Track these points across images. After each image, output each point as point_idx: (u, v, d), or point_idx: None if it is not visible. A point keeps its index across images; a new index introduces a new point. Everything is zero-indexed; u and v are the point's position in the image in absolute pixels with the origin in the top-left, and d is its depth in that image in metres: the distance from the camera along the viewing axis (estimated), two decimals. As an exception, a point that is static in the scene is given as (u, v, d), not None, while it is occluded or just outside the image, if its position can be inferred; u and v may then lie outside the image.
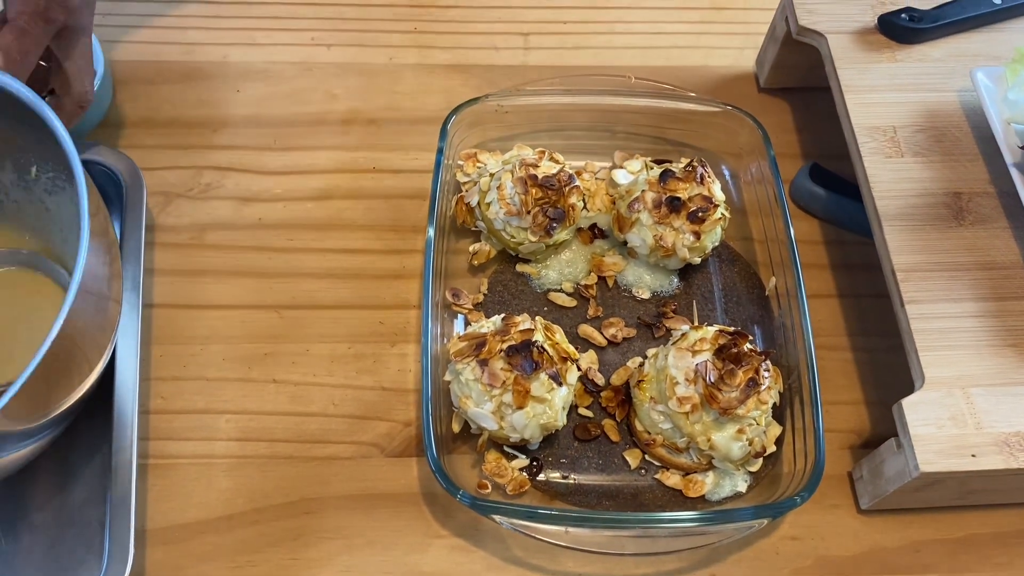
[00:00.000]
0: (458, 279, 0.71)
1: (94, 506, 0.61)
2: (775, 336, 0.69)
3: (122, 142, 0.76)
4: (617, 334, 0.69)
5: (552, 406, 0.60)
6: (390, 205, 0.75)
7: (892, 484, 0.59)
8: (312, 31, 0.84)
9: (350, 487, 0.64)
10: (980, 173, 0.67)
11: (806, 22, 0.74)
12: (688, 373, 0.60)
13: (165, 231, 0.73)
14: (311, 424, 0.66)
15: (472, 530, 0.63)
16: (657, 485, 0.64)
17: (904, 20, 0.72)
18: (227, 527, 0.62)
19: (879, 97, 0.70)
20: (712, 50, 0.86)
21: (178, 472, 0.64)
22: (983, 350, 0.60)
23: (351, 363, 0.68)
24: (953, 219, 0.65)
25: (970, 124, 0.69)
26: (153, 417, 0.65)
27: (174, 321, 0.69)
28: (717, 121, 0.75)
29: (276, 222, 0.74)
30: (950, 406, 0.58)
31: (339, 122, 0.79)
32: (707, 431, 0.60)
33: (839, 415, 0.68)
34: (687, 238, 0.67)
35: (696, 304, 0.71)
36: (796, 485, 0.60)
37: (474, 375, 0.59)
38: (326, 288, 0.71)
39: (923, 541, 0.64)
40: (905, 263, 0.63)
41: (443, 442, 0.62)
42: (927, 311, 0.61)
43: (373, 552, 0.62)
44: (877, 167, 0.67)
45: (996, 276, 0.63)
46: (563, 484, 0.63)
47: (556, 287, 0.71)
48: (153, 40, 0.82)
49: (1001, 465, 0.56)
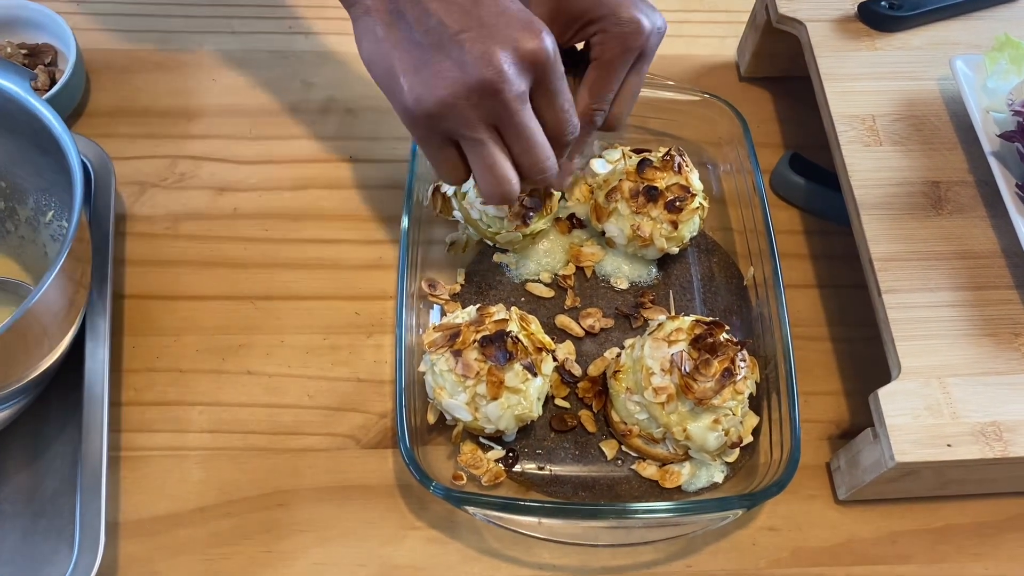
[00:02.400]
0: (435, 269, 0.70)
1: (66, 497, 0.61)
2: (753, 326, 0.68)
3: (95, 131, 0.75)
4: (595, 324, 0.68)
5: (527, 397, 0.59)
6: (367, 195, 0.75)
7: (868, 474, 0.59)
8: (289, 19, 0.83)
9: (325, 479, 0.63)
10: (959, 162, 0.67)
11: (786, 10, 0.73)
12: (664, 363, 0.60)
13: (139, 221, 0.72)
14: (285, 416, 0.65)
15: (447, 522, 0.62)
16: (634, 476, 0.63)
17: (884, 8, 0.72)
18: (200, 520, 0.61)
19: (858, 85, 0.70)
20: (694, 39, 0.86)
21: (150, 464, 0.63)
22: (960, 340, 0.60)
23: (327, 354, 0.68)
24: (931, 208, 0.65)
25: (949, 112, 0.69)
26: (125, 409, 0.65)
27: (147, 312, 0.68)
28: (697, 110, 0.75)
29: (252, 212, 0.73)
30: (926, 396, 0.58)
31: (316, 111, 0.78)
32: (683, 421, 0.60)
33: (818, 405, 0.68)
34: (664, 228, 0.67)
35: (674, 294, 0.70)
36: (773, 476, 0.60)
37: (448, 366, 0.59)
38: (302, 279, 0.71)
39: (900, 532, 0.64)
40: (883, 252, 0.62)
41: (418, 433, 0.62)
42: (904, 300, 0.61)
43: (347, 544, 0.61)
44: (856, 156, 0.66)
45: (973, 265, 0.62)
46: (539, 475, 0.63)
47: (534, 277, 0.70)
48: (128, 28, 0.81)
49: (977, 455, 0.56)
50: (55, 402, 0.63)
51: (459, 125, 0.52)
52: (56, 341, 0.57)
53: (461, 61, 0.50)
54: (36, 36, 0.77)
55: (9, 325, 0.50)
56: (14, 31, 0.76)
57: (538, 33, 0.51)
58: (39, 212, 0.64)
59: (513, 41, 0.50)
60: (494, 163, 0.54)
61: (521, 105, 0.51)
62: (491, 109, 0.51)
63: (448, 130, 0.53)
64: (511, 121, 0.52)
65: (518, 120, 0.52)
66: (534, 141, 0.53)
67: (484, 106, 0.51)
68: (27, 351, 0.55)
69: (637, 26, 0.57)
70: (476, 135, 0.52)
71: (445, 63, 0.50)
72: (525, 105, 0.52)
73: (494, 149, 0.53)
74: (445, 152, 0.55)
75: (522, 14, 0.51)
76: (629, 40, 0.57)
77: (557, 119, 0.54)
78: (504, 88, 0.50)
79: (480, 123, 0.52)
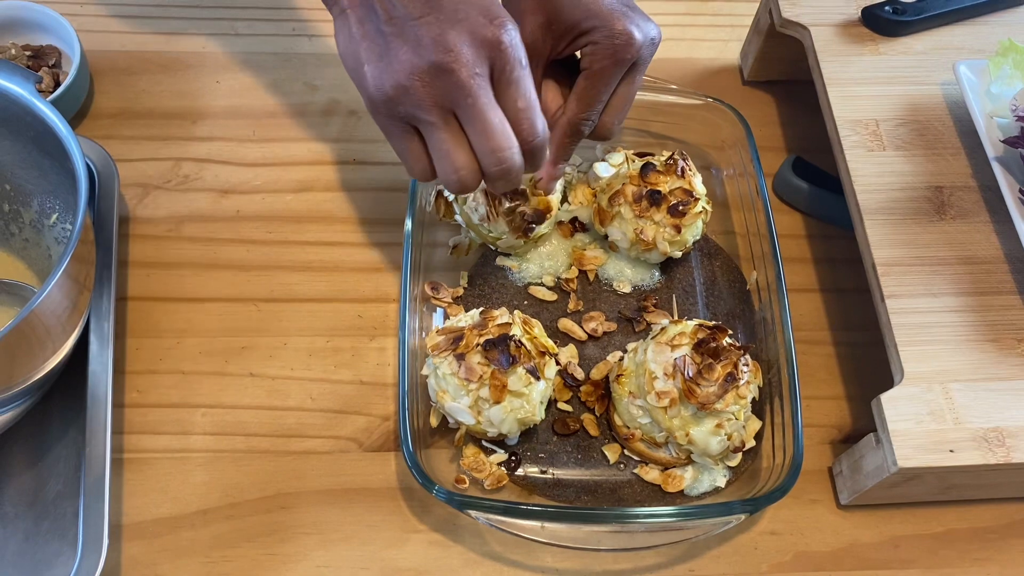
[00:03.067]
0: (438, 272, 0.70)
1: (69, 499, 0.61)
2: (756, 330, 0.68)
3: (99, 133, 0.75)
4: (597, 328, 0.68)
5: (530, 400, 0.59)
6: (370, 197, 0.75)
7: (871, 479, 0.59)
8: (293, 21, 0.83)
9: (327, 482, 0.63)
10: (962, 167, 0.67)
11: (789, 14, 0.73)
12: (667, 367, 0.60)
13: (142, 223, 0.72)
14: (288, 418, 0.65)
15: (450, 525, 0.62)
16: (636, 480, 0.63)
17: (888, 12, 0.72)
18: (202, 522, 0.61)
19: (862, 90, 0.70)
20: (697, 42, 0.86)
21: (153, 466, 0.63)
22: (962, 345, 0.60)
23: (329, 357, 0.68)
24: (935, 213, 0.65)
25: (953, 118, 0.69)
26: (128, 411, 0.65)
27: (150, 314, 0.68)
28: (700, 114, 0.75)
29: (255, 214, 0.73)
30: (929, 401, 0.58)
31: (319, 113, 0.79)
32: (685, 425, 0.60)
33: (820, 410, 0.68)
34: (667, 232, 0.67)
35: (677, 298, 0.70)
36: (775, 480, 0.60)
37: (451, 369, 0.59)
38: (305, 281, 0.71)
39: (902, 536, 0.64)
40: (886, 257, 0.62)
41: (421, 436, 0.62)
42: (907, 306, 0.61)
43: (350, 547, 0.61)
44: (859, 160, 0.66)
45: (976, 271, 0.62)
46: (542, 479, 0.63)
47: (537, 280, 0.70)
48: (132, 30, 0.81)
49: (979, 461, 0.56)
50: (58, 404, 0.63)
51: (415, 108, 0.52)
52: (59, 343, 0.57)
53: (418, 45, 0.51)
54: (41, 38, 0.77)
55: (12, 327, 0.50)
56: (19, 33, 0.76)
57: (497, 20, 0.51)
58: (43, 214, 0.64)
59: (470, 26, 0.51)
60: (450, 148, 0.53)
61: (476, 87, 0.51)
62: (445, 91, 0.51)
63: (406, 115, 0.53)
64: (465, 103, 0.52)
65: (472, 102, 0.51)
66: (490, 125, 0.52)
67: (438, 87, 0.51)
68: (31, 353, 0.55)
69: (628, 38, 0.57)
70: (431, 118, 0.52)
71: (403, 48, 0.51)
72: (481, 88, 0.51)
73: (449, 133, 0.53)
74: (408, 141, 0.55)
75: (485, 2, 0.52)
76: (620, 52, 0.58)
77: (516, 113, 0.53)
78: (456, 68, 0.50)
79: (435, 106, 0.52)
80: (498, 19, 0.51)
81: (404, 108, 0.53)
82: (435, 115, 0.52)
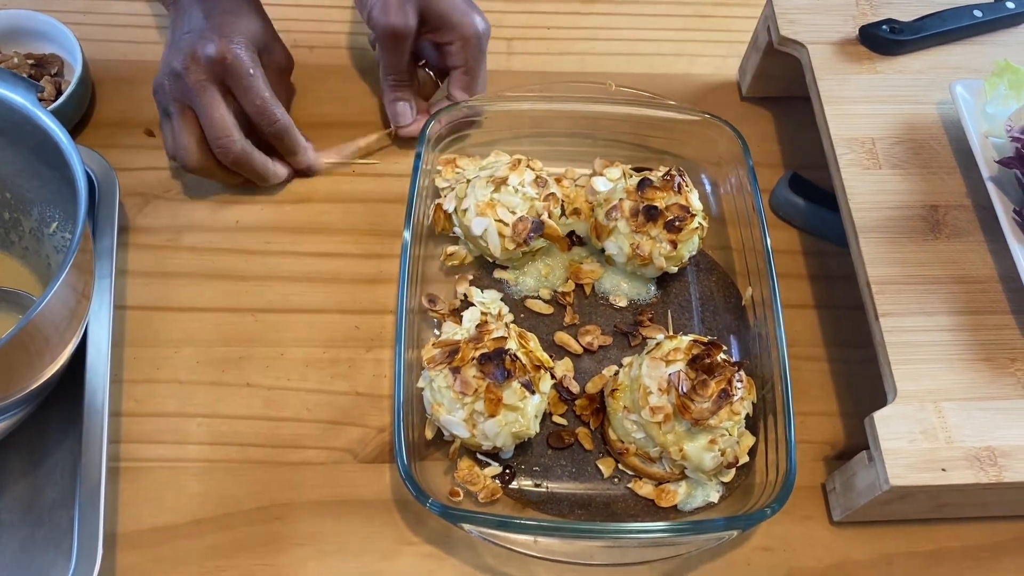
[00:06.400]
0: (435, 284, 0.70)
1: (65, 508, 0.61)
2: (751, 346, 0.68)
3: (100, 142, 0.75)
4: (593, 342, 0.68)
5: (524, 414, 0.60)
6: (369, 209, 0.75)
7: (863, 497, 0.59)
8: (295, 33, 0.84)
9: (322, 493, 0.63)
10: (957, 186, 0.67)
11: (787, 32, 0.74)
12: (661, 383, 0.60)
13: (141, 232, 0.72)
14: (284, 429, 0.66)
15: (444, 537, 0.62)
16: (630, 494, 0.63)
17: (885, 32, 0.72)
18: (197, 532, 0.62)
19: (858, 108, 0.70)
20: (695, 58, 0.86)
21: (149, 476, 0.63)
22: (955, 364, 0.60)
23: (326, 368, 0.68)
24: (929, 232, 0.65)
25: (948, 137, 0.69)
26: (125, 420, 0.65)
27: (148, 323, 0.69)
28: (697, 130, 0.75)
29: (253, 224, 0.74)
30: (922, 420, 0.58)
31: (319, 125, 0.79)
32: (679, 441, 0.60)
33: (814, 426, 0.68)
34: (664, 247, 0.67)
35: (673, 313, 0.71)
36: (768, 496, 0.60)
37: (446, 383, 0.59)
38: (302, 292, 0.71)
39: (895, 554, 0.64)
40: (880, 275, 0.63)
41: (416, 449, 0.62)
42: (901, 324, 0.61)
43: (344, 558, 0.61)
44: (854, 178, 0.67)
45: (970, 290, 0.63)
46: (536, 492, 0.63)
47: (533, 294, 0.71)
48: (133, 39, 0.82)
49: (971, 480, 0.56)
50: (55, 413, 0.63)
51: (165, 100, 0.69)
52: (58, 352, 0.58)
53: (178, 52, 0.68)
54: (43, 47, 0.77)
55: (11, 336, 0.51)
56: (21, 42, 0.77)
57: (230, 40, 0.68)
58: (43, 223, 0.64)
59: (205, 44, 0.67)
60: (177, 132, 0.69)
61: (199, 90, 0.67)
62: (182, 91, 0.68)
63: (161, 103, 0.70)
64: (195, 101, 0.68)
65: (197, 102, 0.68)
66: (209, 119, 0.68)
67: (177, 87, 0.68)
68: (29, 362, 0.56)
69: (480, 32, 0.73)
70: (171, 109, 0.69)
71: (172, 53, 0.69)
72: (205, 91, 0.67)
73: (183, 122, 0.69)
74: (164, 123, 0.71)
75: (238, 26, 0.69)
76: (482, 44, 0.74)
77: (255, 109, 0.69)
78: (186, 75, 0.67)
79: (174, 100, 0.68)
80: (232, 40, 0.68)
81: (159, 98, 0.70)
82: (174, 108, 0.69)
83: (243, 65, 0.68)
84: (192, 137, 0.69)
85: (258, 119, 0.70)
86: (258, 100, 0.69)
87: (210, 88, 0.67)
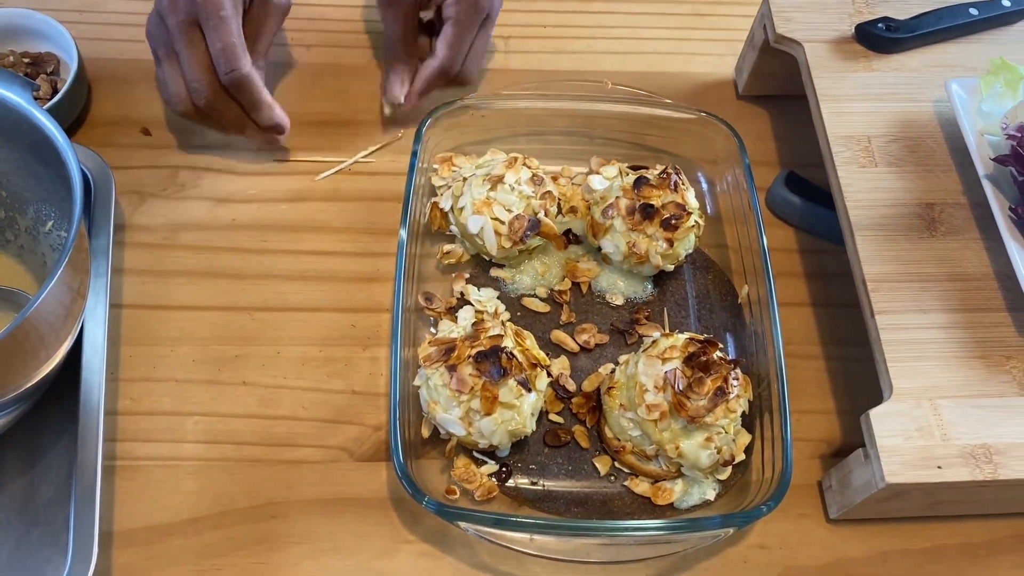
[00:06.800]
0: (432, 283, 0.70)
1: (60, 506, 0.61)
2: (747, 344, 0.68)
3: (96, 140, 0.75)
4: (590, 340, 0.68)
5: (520, 412, 0.60)
6: (365, 207, 0.75)
7: (859, 495, 0.59)
8: (292, 31, 0.84)
9: (318, 491, 0.63)
10: (953, 184, 0.67)
11: (784, 30, 0.74)
12: (657, 380, 0.60)
13: (138, 231, 0.72)
14: (280, 427, 0.65)
15: (440, 536, 0.62)
16: (626, 492, 0.63)
17: (881, 30, 0.72)
18: (193, 530, 0.62)
19: (854, 106, 0.70)
20: (692, 56, 0.86)
21: (145, 474, 0.63)
22: (951, 362, 0.60)
23: (322, 366, 0.68)
24: (925, 230, 0.65)
25: (944, 135, 0.69)
26: (121, 418, 0.65)
27: (144, 322, 0.69)
28: (693, 128, 0.75)
29: (250, 223, 0.74)
30: (917, 418, 0.58)
31: (316, 123, 0.79)
32: (675, 439, 0.60)
33: (810, 424, 0.68)
34: (660, 245, 0.67)
35: (669, 311, 0.71)
36: (765, 494, 0.60)
37: (443, 381, 0.59)
38: (298, 290, 0.71)
39: (891, 551, 0.64)
40: (876, 273, 0.63)
41: (412, 447, 0.62)
42: (896, 321, 0.61)
43: (340, 557, 0.61)
44: (851, 176, 0.67)
45: (966, 287, 0.63)
46: (532, 490, 0.63)
47: (530, 292, 0.71)
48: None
49: (967, 477, 0.56)
50: (51, 411, 0.63)
51: (154, 44, 0.70)
52: (53, 350, 0.58)
53: None
54: (39, 45, 0.77)
55: (6, 334, 0.51)
56: (17, 40, 0.77)
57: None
58: (39, 222, 0.64)
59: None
60: (167, 78, 0.69)
61: (178, 32, 0.67)
62: (166, 34, 0.68)
63: (152, 49, 0.70)
64: (172, 43, 0.68)
65: (175, 42, 0.68)
66: (186, 61, 0.68)
67: (160, 30, 0.68)
68: (24, 360, 0.56)
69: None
70: (159, 53, 0.70)
71: None
72: (184, 33, 0.67)
73: (168, 66, 0.69)
74: (157, 68, 0.71)
75: None
76: (479, 4, 0.72)
77: (216, 52, 0.67)
78: (167, 16, 0.67)
79: (161, 44, 0.69)
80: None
81: (151, 43, 0.70)
82: (161, 52, 0.69)
83: (215, 4, 0.66)
84: (180, 82, 0.69)
85: (216, 63, 0.68)
86: (219, 43, 0.67)
87: (188, 30, 0.67)
